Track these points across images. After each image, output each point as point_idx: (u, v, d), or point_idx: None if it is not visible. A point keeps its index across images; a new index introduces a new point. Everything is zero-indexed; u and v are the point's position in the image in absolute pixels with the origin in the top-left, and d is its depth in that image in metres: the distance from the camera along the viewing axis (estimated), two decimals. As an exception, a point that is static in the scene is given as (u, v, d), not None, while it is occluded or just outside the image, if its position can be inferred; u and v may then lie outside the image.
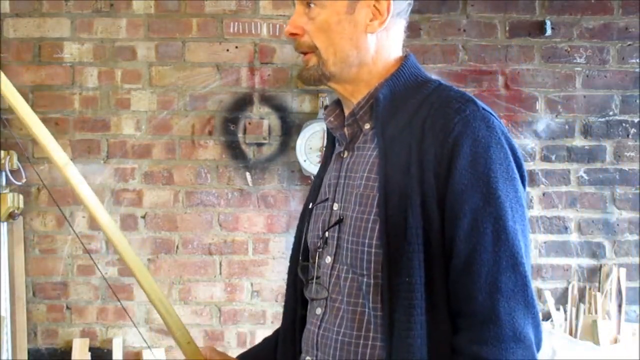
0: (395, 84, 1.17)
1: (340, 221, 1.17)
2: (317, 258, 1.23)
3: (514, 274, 1.05)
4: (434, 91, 1.15)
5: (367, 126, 1.19)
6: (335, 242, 1.19)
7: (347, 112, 1.22)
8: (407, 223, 1.06)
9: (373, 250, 1.11)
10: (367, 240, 1.12)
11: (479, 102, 1.14)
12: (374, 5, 1.16)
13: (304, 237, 1.30)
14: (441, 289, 1.07)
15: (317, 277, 1.22)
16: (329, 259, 1.20)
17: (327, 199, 1.23)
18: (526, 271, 1.06)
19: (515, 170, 1.10)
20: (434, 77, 1.22)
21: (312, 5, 1.16)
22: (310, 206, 1.28)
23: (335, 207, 1.20)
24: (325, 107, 1.32)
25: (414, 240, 1.06)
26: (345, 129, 1.21)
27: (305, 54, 1.19)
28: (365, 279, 1.12)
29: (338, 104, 1.26)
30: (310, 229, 1.27)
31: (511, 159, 1.10)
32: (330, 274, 1.19)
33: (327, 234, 1.20)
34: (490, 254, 1.04)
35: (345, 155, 1.22)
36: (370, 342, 1.12)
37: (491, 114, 1.13)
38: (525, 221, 1.09)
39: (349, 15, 1.15)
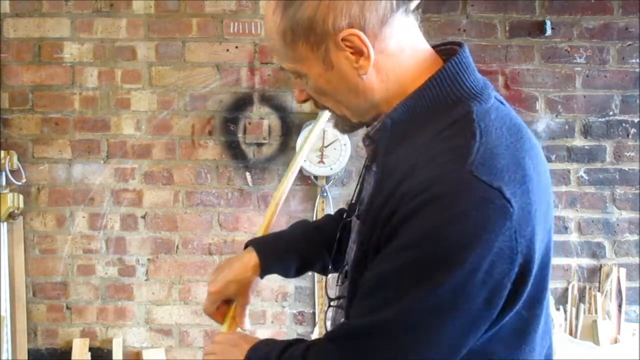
0: (413, 105, 1.00)
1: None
2: (339, 276, 1.21)
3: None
4: (454, 123, 0.96)
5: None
6: None
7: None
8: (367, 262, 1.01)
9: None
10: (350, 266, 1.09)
11: (490, 161, 0.91)
12: (347, 46, 0.98)
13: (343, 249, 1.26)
14: None
15: (340, 298, 1.18)
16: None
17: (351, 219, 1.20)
18: None
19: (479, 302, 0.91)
20: (477, 87, 1.01)
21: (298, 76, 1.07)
22: (345, 217, 1.26)
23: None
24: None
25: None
26: (367, 148, 1.12)
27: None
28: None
29: None
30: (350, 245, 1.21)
31: (473, 272, 0.88)
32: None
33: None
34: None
35: (374, 169, 1.12)
36: None
37: (491, 187, 0.89)
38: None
39: (331, 71, 1.01)
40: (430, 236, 0.89)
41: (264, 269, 1.33)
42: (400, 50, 1.01)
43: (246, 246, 1.35)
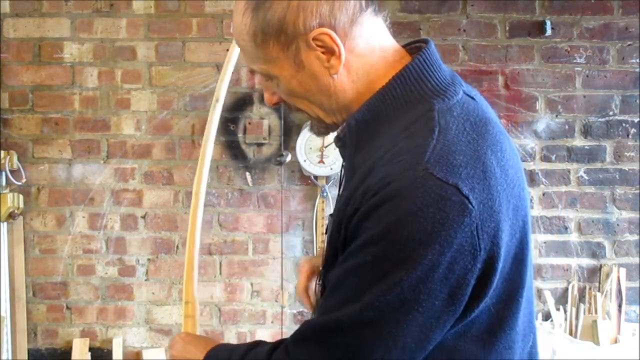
0: (377, 104, 1.01)
1: None
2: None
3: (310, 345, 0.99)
4: (416, 121, 0.97)
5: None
6: None
7: None
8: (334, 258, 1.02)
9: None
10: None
11: (445, 157, 0.91)
12: (318, 46, 0.98)
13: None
14: None
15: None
16: None
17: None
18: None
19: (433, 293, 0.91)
20: (442, 83, 1.01)
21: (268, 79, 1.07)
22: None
23: None
24: None
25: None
26: (339, 149, 1.12)
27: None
28: None
29: None
30: None
31: (433, 269, 0.89)
32: None
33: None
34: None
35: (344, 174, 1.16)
36: None
37: (447, 184, 0.89)
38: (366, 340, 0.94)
39: (302, 71, 1.01)
40: (388, 234, 0.90)
41: None
42: (370, 50, 1.02)
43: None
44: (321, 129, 1.11)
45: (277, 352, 1.03)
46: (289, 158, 2.87)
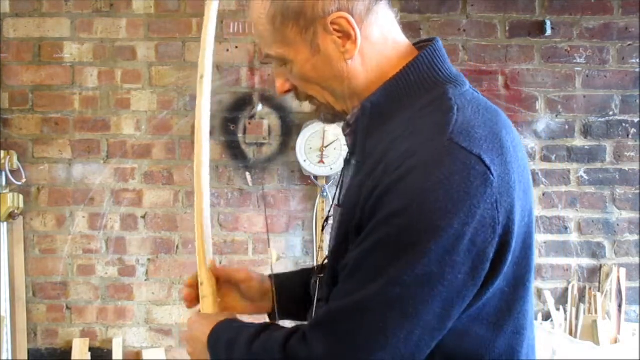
0: (392, 88, 1.03)
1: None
2: (322, 270, 1.17)
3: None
4: (431, 103, 1.00)
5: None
6: None
7: None
8: (348, 247, 0.99)
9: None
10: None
11: (468, 130, 0.93)
12: (335, 30, 1.01)
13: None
14: None
15: (320, 300, 1.15)
16: None
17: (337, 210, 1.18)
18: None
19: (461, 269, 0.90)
20: (452, 74, 1.05)
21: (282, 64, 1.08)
22: (329, 215, 1.23)
23: None
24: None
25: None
26: (347, 138, 1.12)
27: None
28: None
29: None
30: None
31: (458, 239, 0.89)
32: None
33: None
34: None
35: (353, 162, 1.13)
36: None
37: (471, 154, 0.91)
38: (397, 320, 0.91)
39: (318, 56, 1.03)
40: (414, 203, 0.89)
41: None
42: (383, 39, 1.05)
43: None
44: (329, 116, 1.12)
45: (294, 339, 0.99)
46: (260, 107, 2.87)
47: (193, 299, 1.27)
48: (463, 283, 0.91)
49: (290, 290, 1.31)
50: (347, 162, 1.16)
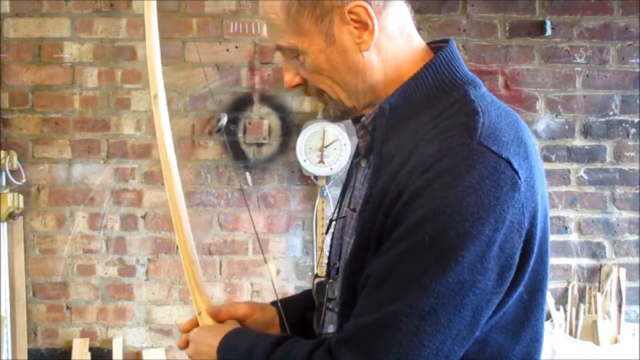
0: (410, 90, 1.00)
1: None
2: (330, 275, 1.13)
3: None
4: (453, 105, 0.97)
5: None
6: None
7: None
8: (368, 254, 0.96)
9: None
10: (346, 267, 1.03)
11: (495, 133, 0.92)
12: (352, 20, 0.98)
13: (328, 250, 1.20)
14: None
15: (330, 300, 1.12)
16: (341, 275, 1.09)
17: (345, 216, 1.13)
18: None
19: (491, 268, 0.88)
20: (468, 76, 1.03)
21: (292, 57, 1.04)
22: (333, 217, 1.19)
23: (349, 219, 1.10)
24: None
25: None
26: (360, 140, 1.08)
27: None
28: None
29: None
30: (332, 244, 1.17)
31: (489, 246, 0.87)
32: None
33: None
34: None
35: (363, 165, 1.10)
36: None
37: (501, 158, 0.89)
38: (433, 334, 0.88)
39: (333, 46, 1.00)
40: (446, 209, 0.87)
41: None
42: (400, 33, 1.02)
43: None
44: (337, 113, 1.08)
45: (318, 353, 0.95)
46: (225, 119, 2.87)
47: None
48: (491, 290, 0.89)
49: (300, 315, 1.27)
50: (356, 164, 1.13)
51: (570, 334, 2.95)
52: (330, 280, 1.12)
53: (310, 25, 1.00)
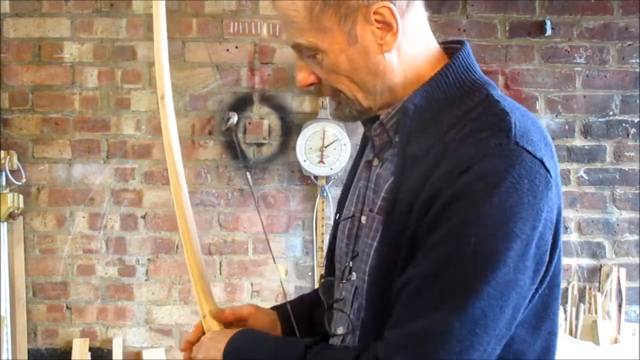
0: (432, 91, 1.00)
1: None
2: (343, 275, 1.12)
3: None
4: (478, 105, 0.97)
5: (397, 138, 1.04)
6: None
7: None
8: (399, 256, 0.95)
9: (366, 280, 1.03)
10: (366, 269, 1.03)
11: (527, 133, 0.93)
12: (376, 20, 0.97)
13: (334, 250, 1.18)
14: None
15: (338, 301, 1.11)
16: (354, 276, 1.08)
17: (353, 215, 1.12)
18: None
19: (527, 262, 0.89)
20: (484, 77, 1.04)
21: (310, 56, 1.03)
22: (337, 218, 1.18)
23: (363, 219, 1.08)
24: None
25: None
26: (375, 138, 1.07)
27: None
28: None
29: None
30: (338, 244, 1.16)
31: (529, 244, 0.89)
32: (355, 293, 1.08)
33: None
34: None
35: (375, 164, 1.09)
36: None
37: (535, 157, 0.91)
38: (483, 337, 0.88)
39: (354, 46, 0.99)
40: (490, 210, 0.87)
41: None
42: (419, 36, 1.04)
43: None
44: (354, 113, 1.06)
45: None
46: (235, 118, 2.87)
47: None
48: (528, 287, 0.91)
49: (307, 319, 1.26)
50: (367, 163, 1.12)
51: (570, 334, 2.95)
52: (344, 281, 1.11)
53: (333, 24, 0.99)
